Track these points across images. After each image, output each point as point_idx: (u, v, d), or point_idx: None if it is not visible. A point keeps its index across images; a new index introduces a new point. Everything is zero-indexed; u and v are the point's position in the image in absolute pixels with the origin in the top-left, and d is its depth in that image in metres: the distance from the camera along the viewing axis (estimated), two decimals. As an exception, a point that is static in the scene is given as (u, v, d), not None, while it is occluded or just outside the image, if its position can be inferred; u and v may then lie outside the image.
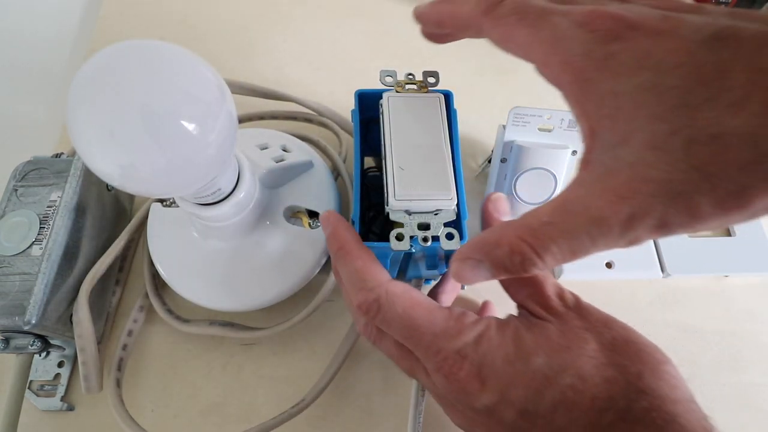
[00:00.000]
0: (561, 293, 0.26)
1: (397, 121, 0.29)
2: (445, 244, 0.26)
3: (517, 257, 0.20)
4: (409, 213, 0.27)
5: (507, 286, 0.28)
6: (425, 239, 0.26)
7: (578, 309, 0.25)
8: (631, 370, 0.22)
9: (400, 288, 0.25)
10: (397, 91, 0.30)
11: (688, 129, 0.16)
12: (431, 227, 0.26)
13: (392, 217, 0.27)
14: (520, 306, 0.27)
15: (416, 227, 0.26)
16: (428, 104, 0.30)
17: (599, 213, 0.18)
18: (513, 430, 0.23)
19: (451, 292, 0.31)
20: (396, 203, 0.27)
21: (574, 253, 0.19)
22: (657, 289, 0.39)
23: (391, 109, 0.29)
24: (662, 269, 0.39)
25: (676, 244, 0.39)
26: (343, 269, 0.27)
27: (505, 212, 0.29)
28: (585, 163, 0.20)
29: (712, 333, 0.37)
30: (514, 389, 0.22)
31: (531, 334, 0.24)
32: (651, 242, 0.39)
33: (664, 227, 0.17)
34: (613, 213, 0.18)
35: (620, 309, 0.38)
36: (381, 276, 0.26)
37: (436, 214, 0.27)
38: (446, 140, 0.29)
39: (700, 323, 0.38)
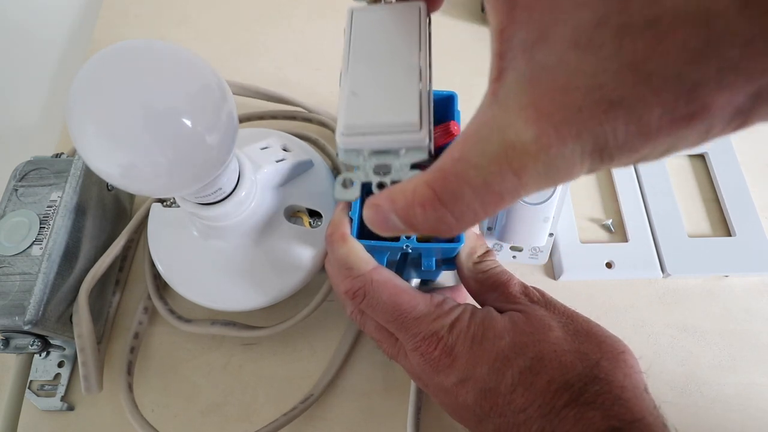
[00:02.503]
0: (526, 290, 0.27)
1: (361, 38, 0.22)
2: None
3: (425, 213, 0.17)
4: (363, 153, 0.21)
5: (474, 294, 0.29)
6: (381, 185, 0.20)
7: (545, 302, 0.26)
8: (591, 357, 0.23)
9: (385, 275, 0.27)
10: (368, 3, 0.24)
11: (618, 15, 0.12)
12: (392, 170, 0.20)
13: (342, 158, 0.21)
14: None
15: (371, 171, 0.20)
16: (403, 15, 0.23)
17: (517, 136, 0.14)
18: (475, 411, 0.24)
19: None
20: (344, 140, 0.20)
21: (495, 197, 0.15)
22: (657, 289, 0.39)
23: (354, 24, 0.23)
24: (662, 269, 0.39)
25: (676, 244, 0.39)
26: (331, 255, 0.28)
27: None
28: (498, 75, 0.15)
29: (712, 333, 0.37)
30: (478, 367, 0.23)
31: (500, 319, 0.25)
32: (651, 242, 0.39)
33: (602, 151, 0.14)
34: (534, 135, 0.14)
35: (620, 309, 0.38)
36: (366, 263, 0.27)
37: (401, 154, 0.21)
38: (423, 60, 0.21)
39: (700, 323, 0.38)
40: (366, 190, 0.21)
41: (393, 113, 0.20)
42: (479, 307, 0.27)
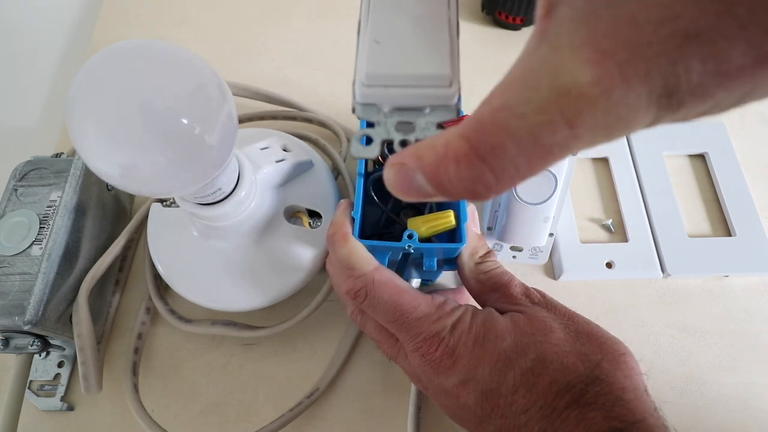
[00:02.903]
0: (527, 291, 0.27)
1: None
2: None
3: (459, 170, 0.14)
4: (384, 109, 0.19)
5: (475, 295, 0.29)
6: (403, 143, 0.18)
7: (545, 303, 0.26)
8: (592, 359, 0.23)
9: (386, 276, 0.27)
10: None
11: None
12: (416, 129, 0.18)
13: (359, 113, 0.19)
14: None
15: (393, 129, 0.18)
16: None
17: (572, 79, 0.12)
18: (476, 413, 0.24)
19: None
20: (364, 91, 0.18)
21: (543, 151, 0.13)
22: (657, 289, 0.39)
23: None
24: (662, 269, 0.39)
25: (676, 244, 0.39)
26: (333, 255, 0.28)
27: None
28: (547, 10, 0.13)
29: (712, 333, 0.37)
30: (480, 368, 0.23)
31: (502, 320, 0.25)
32: (651, 242, 0.39)
33: (672, 96, 0.12)
34: (593, 77, 0.12)
35: (620, 309, 0.38)
36: (368, 264, 0.27)
37: (425, 112, 0.18)
38: (453, 13, 0.19)
39: (700, 323, 0.38)
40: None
41: (422, 64, 0.18)
42: (480, 308, 0.27)
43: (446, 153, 0.14)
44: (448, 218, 0.28)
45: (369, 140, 0.19)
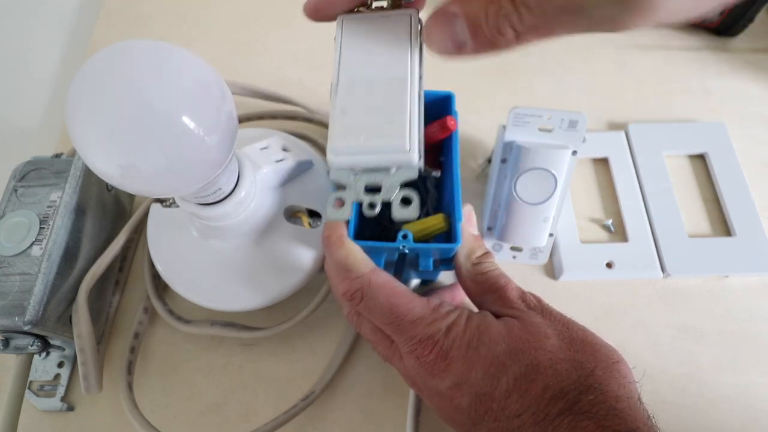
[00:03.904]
0: (523, 296, 0.27)
1: (351, 49, 0.22)
2: (398, 212, 0.21)
3: (493, 9, 0.18)
4: (355, 171, 0.21)
5: (471, 296, 0.29)
6: (372, 205, 0.20)
7: (541, 309, 0.26)
8: (586, 366, 0.23)
9: (383, 278, 0.27)
10: (358, 11, 0.23)
11: None
12: (382, 189, 0.21)
13: (333, 177, 0.21)
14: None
15: (362, 190, 0.21)
16: (394, 25, 0.22)
17: None
18: (469, 415, 0.24)
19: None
20: (335, 159, 0.21)
21: None
22: (657, 289, 0.39)
23: (344, 34, 0.22)
24: (662, 269, 0.39)
25: (676, 244, 0.39)
26: (329, 257, 0.28)
27: None
28: None
29: (712, 333, 0.37)
30: (473, 372, 0.23)
31: (496, 325, 0.25)
32: (651, 242, 0.39)
33: None
34: None
35: (620, 309, 0.38)
36: (365, 266, 0.27)
37: (392, 172, 0.21)
38: (413, 72, 0.21)
39: (700, 323, 0.38)
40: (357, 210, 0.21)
41: (382, 135, 0.20)
42: (476, 309, 0.27)
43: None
44: (438, 221, 0.29)
45: (342, 202, 0.21)
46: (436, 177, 0.29)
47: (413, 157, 0.20)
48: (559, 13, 0.18)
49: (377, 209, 0.20)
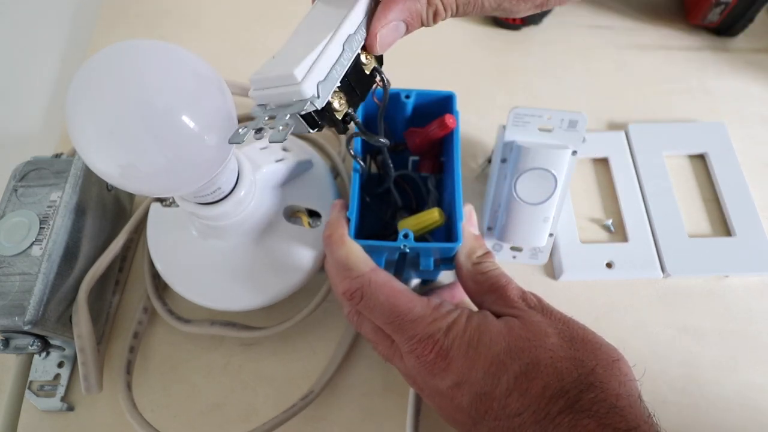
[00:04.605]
0: (524, 295, 0.27)
1: (310, 17, 0.24)
2: (274, 135, 0.21)
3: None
4: (269, 107, 0.22)
5: (472, 295, 0.29)
6: (258, 130, 0.21)
7: (541, 308, 0.26)
8: (586, 364, 0.23)
9: (383, 277, 0.27)
10: None
11: None
12: (276, 119, 0.21)
13: (253, 112, 0.23)
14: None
15: (263, 121, 0.22)
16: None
17: None
18: (470, 414, 0.24)
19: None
20: (252, 94, 0.23)
21: None
22: (657, 289, 0.39)
23: (313, 8, 0.25)
24: (662, 269, 0.39)
25: (676, 244, 0.39)
26: (330, 257, 0.28)
27: None
28: None
29: (713, 333, 0.37)
30: (474, 371, 0.23)
31: (496, 324, 0.25)
32: (651, 242, 0.39)
33: None
34: None
35: (620, 309, 0.38)
36: (365, 265, 0.27)
37: (291, 106, 0.22)
38: (343, 26, 0.22)
39: (700, 323, 0.38)
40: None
41: (282, 66, 0.21)
42: (476, 309, 0.27)
43: None
44: (433, 215, 0.29)
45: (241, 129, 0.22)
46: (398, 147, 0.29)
47: (304, 87, 0.21)
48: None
49: (262, 134, 0.21)
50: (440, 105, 0.33)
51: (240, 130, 0.22)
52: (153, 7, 0.53)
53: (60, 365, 0.35)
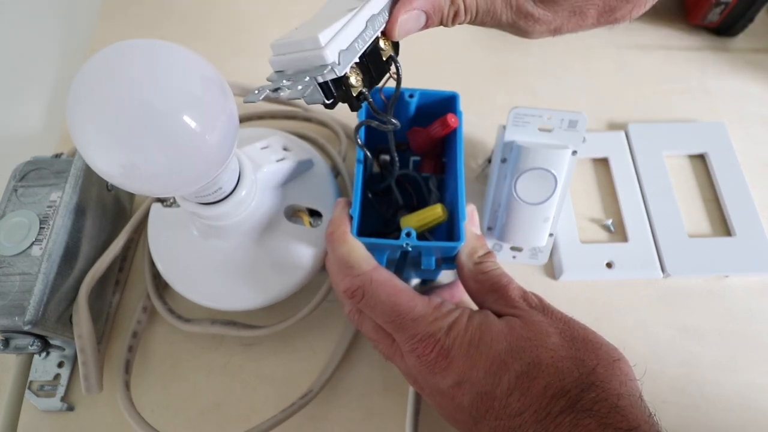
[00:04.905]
0: (525, 295, 0.27)
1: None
2: (293, 92, 0.21)
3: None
4: (286, 74, 0.23)
5: (473, 295, 0.29)
6: (276, 90, 0.21)
7: (543, 308, 0.26)
8: (587, 364, 0.23)
9: (384, 275, 0.27)
10: None
11: None
12: (294, 81, 0.22)
13: (270, 78, 0.23)
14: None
15: (282, 83, 0.22)
16: None
17: None
18: (471, 413, 0.24)
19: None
20: (270, 59, 0.23)
21: None
22: (657, 289, 0.39)
23: None
24: (662, 269, 0.39)
25: (676, 244, 0.39)
26: (331, 254, 0.28)
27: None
28: None
29: (713, 333, 0.37)
30: (475, 371, 0.23)
31: (498, 323, 0.25)
32: (651, 242, 0.39)
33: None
34: None
35: (620, 309, 0.38)
36: (367, 263, 0.27)
37: (310, 71, 0.22)
38: (370, 6, 0.23)
39: (700, 323, 0.38)
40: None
41: (306, 32, 0.22)
42: (477, 308, 0.27)
43: None
44: (436, 210, 0.29)
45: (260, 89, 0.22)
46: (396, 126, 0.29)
47: (327, 52, 0.21)
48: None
49: (279, 94, 0.22)
50: (443, 105, 0.33)
51: (256, 90, 0.22)
52: (153, 8, 0.53)
53: (60, 365, 0.35)
